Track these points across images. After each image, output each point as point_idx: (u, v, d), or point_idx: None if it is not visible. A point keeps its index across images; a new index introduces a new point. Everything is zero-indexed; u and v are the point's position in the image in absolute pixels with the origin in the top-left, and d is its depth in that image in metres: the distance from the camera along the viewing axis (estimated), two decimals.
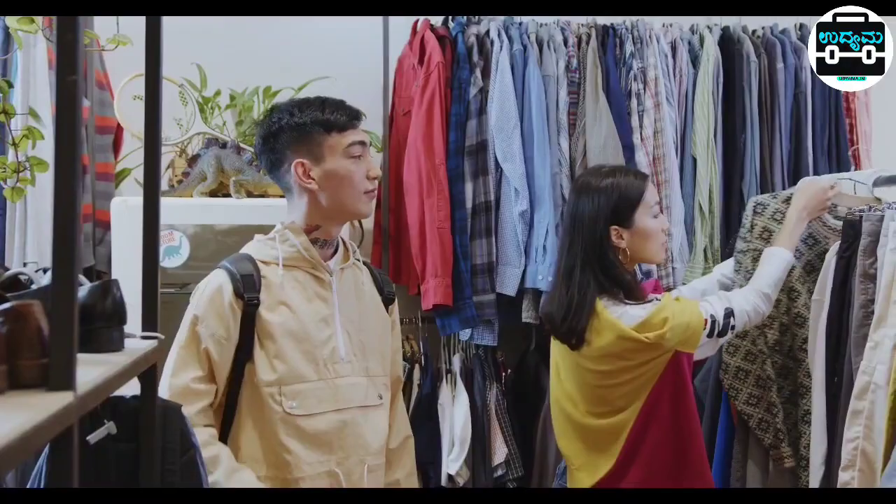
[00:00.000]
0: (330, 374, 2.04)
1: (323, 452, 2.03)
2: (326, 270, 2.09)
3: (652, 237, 2.33)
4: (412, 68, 3.32)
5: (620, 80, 3.24)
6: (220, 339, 1.99)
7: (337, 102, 2.10)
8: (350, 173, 2.05)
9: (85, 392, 1.08)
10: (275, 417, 1.99)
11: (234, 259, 2.07)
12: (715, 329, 2.25)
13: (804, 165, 3.37)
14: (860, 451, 2.07)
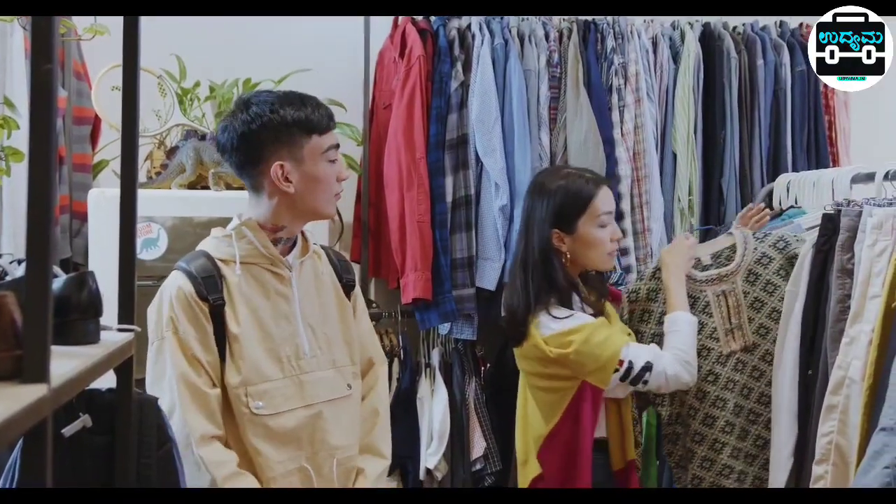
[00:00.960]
0: (295, 371, 2.02)
1: (292, 450, 2.02)
2: (286, 266, 2.05)
3: (595, 246, 2.34)
4: (393, 61, 3.31)
5: (601, 75, 3.25)
6: (200, 339, 1.96)
7: (316, 101, 2.04)
8: (326, 177, 2.01)
9: (59, 384, 1.07)
10: (243, 419, 1.97)
11: (191, 258, 2.01)
12: (629, 375, 2.27)
13: (783, 162, 3.39)
14: (834, 445, 2.08)
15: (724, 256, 2.48)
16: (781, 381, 2.37)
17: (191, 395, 1.91)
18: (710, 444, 2.44)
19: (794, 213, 2.82)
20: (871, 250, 2.10)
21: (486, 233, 3.12)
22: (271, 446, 1.99)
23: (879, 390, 1.94)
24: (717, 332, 2.41)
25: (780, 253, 2.47)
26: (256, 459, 1.98)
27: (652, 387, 2.31)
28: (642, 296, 2.50)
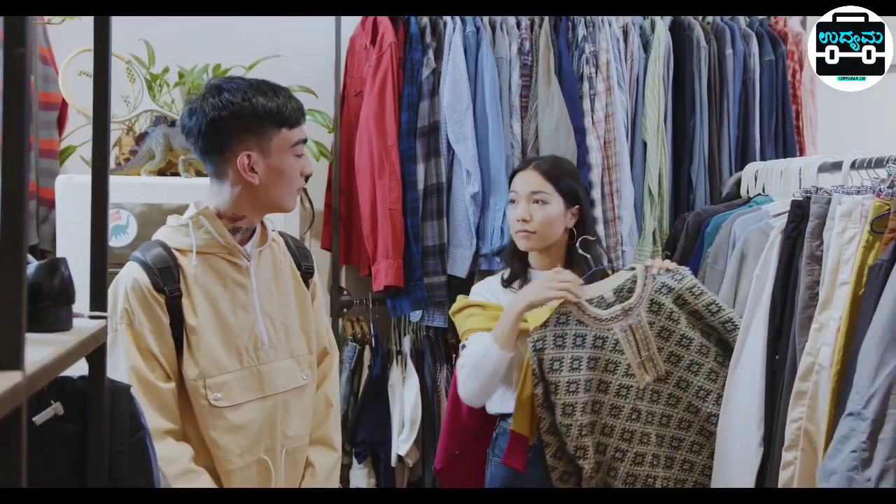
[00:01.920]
0: (253, 362, 2.00)
1: (251, 442, 2.00)
2: (244, 256, 2.02)
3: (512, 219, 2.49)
4: (364, 48, 3.29)
5: (572, 64, 3.26)
6: (155, 331, 1.93)
7: (288, 93, 2.00)
8: (292, 171, 1.99)
9: (33, 372, 1.05)
10: (202, 411, 1.95)
11: (147, 248, 1.97)
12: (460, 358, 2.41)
13: (752, 151, 3.42)
14: (803, 431, 2.11)
15: (625, 290, 2.38)
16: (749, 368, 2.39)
17: (143, 390, 1.88)
18: (643, 481, 2.39)
19: (762, 201, 2.85)
20: (840, 238, 2.13)
21: (458, 220, 3.13)
22: (231, 438, 1.97)
23: (847, 376, 1.97)
24: (631, 368, 2.34)
25: (679, 283, 2.38)
26: (215, 452, 1.97)
27: (460, 373, 2.39)
28: (549, 343, 2.33)
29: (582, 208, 2.51)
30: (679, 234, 2.96)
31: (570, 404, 2.29)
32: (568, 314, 2.33)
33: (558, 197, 2.45)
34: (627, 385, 2.35)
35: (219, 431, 1.96)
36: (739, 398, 2.40)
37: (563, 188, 2.46)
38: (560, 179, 2.46)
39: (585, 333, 2.33)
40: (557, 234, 2.47)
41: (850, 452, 1.79)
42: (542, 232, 2.44)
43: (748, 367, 2.38)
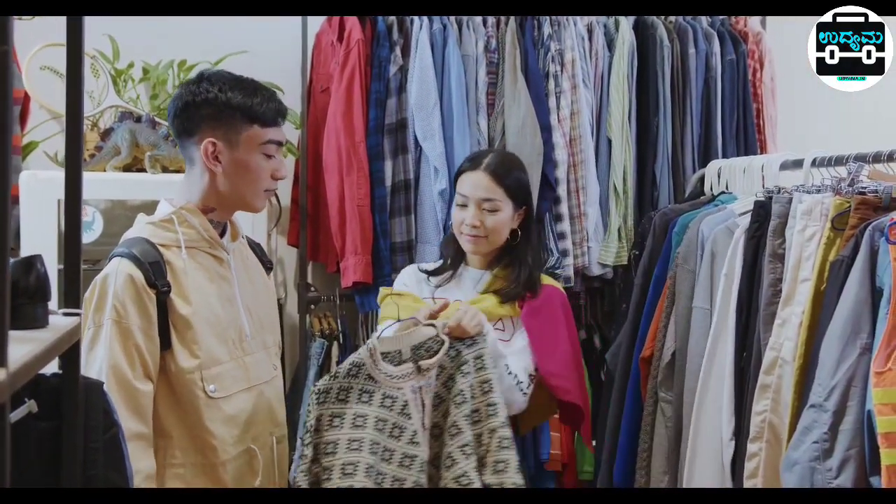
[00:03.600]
0: (240, 353, 2.04)
1: (241, 431, 2.03)
2: (224, 249, 2.07)
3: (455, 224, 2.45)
4: (331, 45, 3.29)
5: (538, 62, 3.28)
6: (145, 329, 1.92)
7: (269, 93, 2.04)
8: (258, 169, 2.01)
9: (15, 369, 1.06)
10: (198, 403, 1.96)
11: (132, 244, 1.97)
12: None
13: (714, 148, 3.47)
14: (767, 423, 2.16)
15: (423, 349, 2.13)
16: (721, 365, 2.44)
17: (119, 390, 1.88)
18: None
19: (727, 199, 2.90)
20: (802, 235, 2.18)
21: (426, 217, 3.15)
22: (226, 429, 2.00)
23: (809, 369, 2.02)
24: (416, 435, 2.07)
25: (469, 350, 2.16)
26: (211, 443, 1.98)
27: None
28: (332, 397, 2.09)
29: (529, 208, 2.47)
30: (646, 234, 3.00)
31: (352, 463, 2.03)
32: (361, 366, 2.10)
33: (508, 201, 2.39)
34: (412, 455, 2.06)
35: (215, 423, 1.98)
36: (711, 395, 2.44)
37: (513, 191, 2.40)
38: (509, 182, 2.39)
39: (373, 390, 2.09)
40: (504, 238, 2.43)
41: (812, 443, 1.85)
42: (492, 237, 2.40)
43: (719, 364, 2.43)
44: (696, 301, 2.60)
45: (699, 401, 2.49)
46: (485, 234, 2.38)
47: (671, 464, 2.67)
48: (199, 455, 1.98)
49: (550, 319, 2.41)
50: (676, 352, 2.66)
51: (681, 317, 2.65)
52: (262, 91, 2.03)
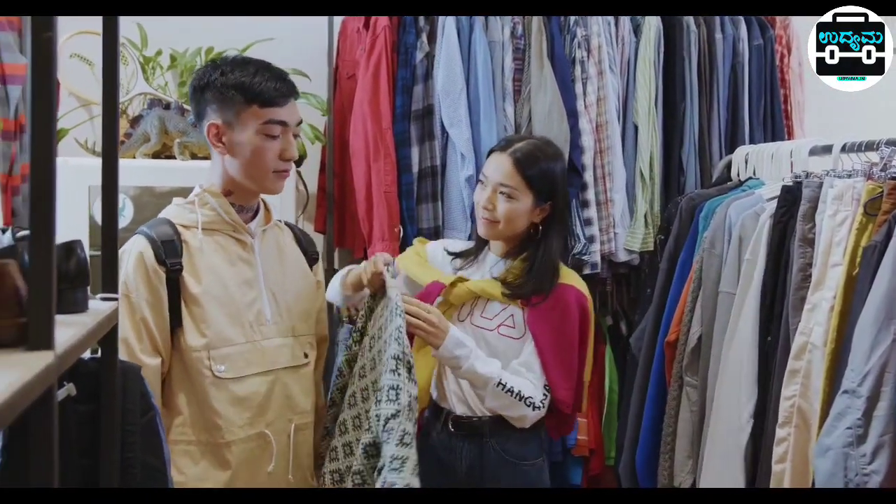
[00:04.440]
0: (257, 337, 2.05)
1: (253, 414, 2.04)
2: (248, 233, 2.08)
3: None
4: (357, 31, 3.29)
5: (565, 48, 3.27)
6: (153, 303, 1.97)
7: (275, 74, 2.03)
8: (259, 150, 2.01)
9: (62, 352, 1.08)
10: (205, 382, 1.99)
11: (153, 224, 2.03)
12: None
13: (741, 134, 3.46)
14: (796, 408, 2.16)
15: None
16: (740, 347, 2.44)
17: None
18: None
19: (754, 185, 2.89)
20: (833, 220, 2.18)
21: (452, 203, 3.15)
22: (234, 410, 2.02)
23: (841, 355, 2.02)
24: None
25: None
26: (217, 423, 2.00)
27: None
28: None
29: (555, 204, 2.33)
30: (672, 219, 3.00)
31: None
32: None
33: (528, 192, 2.28)
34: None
35: (222, 403, 2.00)
36: (730, 379, 2.45)
37: (535, 183, 2.28)
38: (532, 172, 2.28)
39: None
40: (520, 229, 2.33)
41: (846, 429, 1.84)
42: (505, 225, 2.30)
43: (739, 348, 2.43)
44: (723, 285, 2.60)
45: (718, 384, 2.50)
46: (496, 219, 2.30)
47: (695, 448, 2.68)
48: (206, 434, 2.01)
49: (559, 326, 2.30)
50: (702, 336, 2.66)
51: (707, 301, 2.65)
52: (266, 71, 2.02)
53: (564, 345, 2.29)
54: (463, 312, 2.36)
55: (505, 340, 2.31)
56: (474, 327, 2.33)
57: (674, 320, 2.80)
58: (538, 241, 2.34)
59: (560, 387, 2.27)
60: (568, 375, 2.29)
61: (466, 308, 2.36)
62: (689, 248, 2.88)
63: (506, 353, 2.30)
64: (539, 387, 2.26)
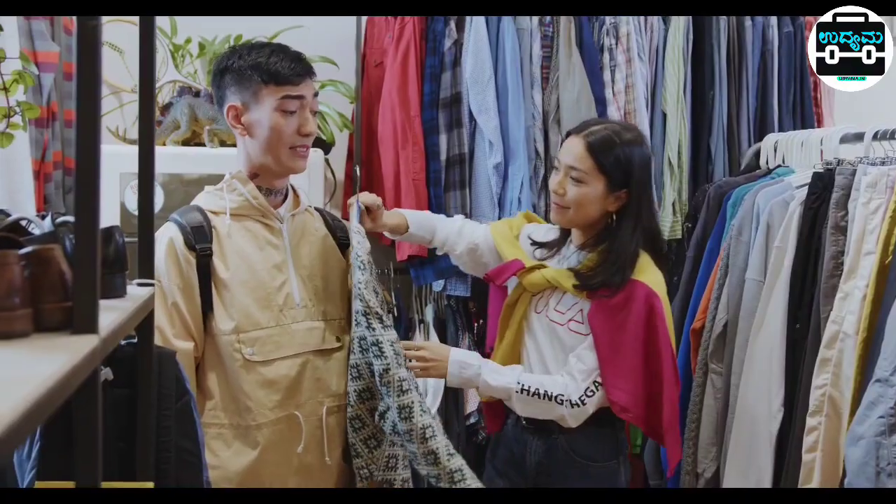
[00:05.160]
0: (286, 320, 2.07)
1: (283, 397, 2.06)
2: (276, 218, 2.11)
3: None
4: (385, 19, 3.30)
5: (593, 35, 3.27)
6: (184, 288, 2.00)
7: (289, 54, 2.06)
8: (277, 126, 2.03)
9: (106, 335, 1.09)
10: (235, 365, 2.01)
11: (183, 211, 2.07)
12: None
13: (770, 122, 3.44)
14: (827, 397, 2.15)
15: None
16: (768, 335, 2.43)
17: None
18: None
19: (783, 172, 2.88)
20: (866, 208, 2.16)
21: (480, 190, 3.15)
22: (263, 393, 2.03)
23: (873, 344, 2.01)
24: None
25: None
26: (248, 405, 2.02)
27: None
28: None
29: (631, 192, 2.20)
30: (700, 206, 2.99)
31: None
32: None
33: (599, 177, 2.17)
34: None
35: (252, 386, 2.03)
36: (758, 367, 2.44)
37: (607, 169, 2.16)
38: (605, 158, 2.16)
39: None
40: (593, 216, 2.22)
41: (878, 418, 1.84)
42: (575, 212, 2.20)
43: (768, 336, 2.42)
44: (750, 273, 2.60)
45: (746, 371, 2.49)
46: (566, 204, 2.20)
47: (719, 435, 2.68)
48: (238, 416, 2.03)
49: (621, 323, 2.16)
50: (728, 323, 2.66)
51: (734, 288, 2.65)
52: (282, 52, 2.06)
53: (624, 344, 2.15)
54: (539, 304, 2.28)
55: (574, 336, 2.21)
56: (548, 321, 2.25)
57: (700, 307, 2.80)
58: (613, 232, 2.22)
59: (614, 387, 2.14)
60: (624, 376, 2.15)
61: (543, 300, 2.28)
62: (717, 235, 2.87)
63: (574, 348, 2.20)
64: (580, 382, 2.15)
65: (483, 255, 2.39)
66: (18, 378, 0.81)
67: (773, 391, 2.39)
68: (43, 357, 0.92)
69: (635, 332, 2.15)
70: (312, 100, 2.10)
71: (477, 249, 2.38)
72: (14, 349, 0.96)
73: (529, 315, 2.27)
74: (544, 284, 2.24)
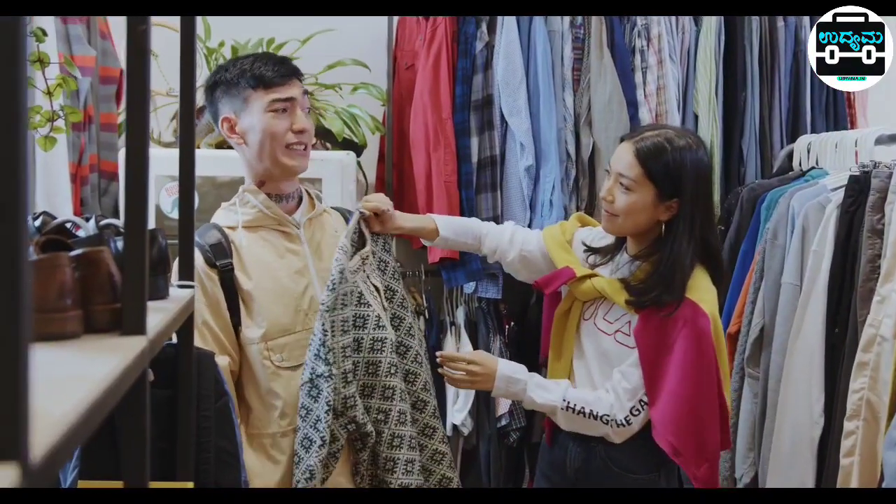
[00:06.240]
0: (312, 323, 2.07)
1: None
2: (293, 224, 2.13)
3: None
4: (416, 22, 3.31)
5: (625, 37, 3.26)
6: (210, 305, 2.02)
7: (273, 58, 2.12)
8: (269, 127, 2.07)
9: (153, 336, 1.11)
10: (266, 373, 2.04)
11: (202, 231, 2.10)
12: None
13: (802, 123, 3.41)
14: (865, 401, 2.14)
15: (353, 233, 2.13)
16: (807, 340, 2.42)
17: None
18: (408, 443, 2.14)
19: (817, 175, 2.86)
20: None
21: (512, 193, 3.15)
22: (296, 398, 2.04)
23: None
24: (381, 319, 2.12)
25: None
26: (284, 410, 2.05)
27: None
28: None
29: (682, 202, 2.08)
30: (733, 209, 2.98)
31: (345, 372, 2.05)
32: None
33: (648, 185, 2.07)
34: (381, 338, 2.10)
35: (287, 391, 2.05)
36: (798, 372, 2.43)
37: (656, 176, 2.06)
38: (654, 164, 2.07)
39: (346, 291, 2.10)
40: (643, 226, 2.12)
41: None
42: (624, 220, 2.11)
43: (807, 340, 2.41)
44: (786, 277, 2.58)
45: (785, 377, 2.48)
46: (615, 212, 2.11)
47: (757, 440, 2.66)
48: (275, 425, 2.05)
49: (665, 342, 2.06)
50: (764, 327, 2.64)
51: (770, 292, 2.64)
52: (265, 57, 2.11)
53: (668, 364, 2.05)
54: (588, 312, 2.21)
55: (619, 348, 2.13)
56: (595, 328, 2.18)
57: (735, 312, 2.79)
58: (665, 243, 2.11)
59: (655, 406, 2.06)
60: (666, 397, 2.05)
61: (592, 307, 2.20)
62: (751, 239, 2.85)
63: (620, 360, 2.12)
64: (626, 401, 2.08)
65: (536, 261, 2.32)
66: (74, 379, 0.83)
67: (814, 396, 2.38)
68: (96, 358, 0.94)
69: (681, 354, 2.03)
70: (302, 98, 2.14)
71: (529, 256, 2.32)
72: (67, 350, 0.98)
73: (579, 323, 2.23)
74: (595, 294, 2.17)
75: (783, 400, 2.44)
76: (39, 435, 0.63)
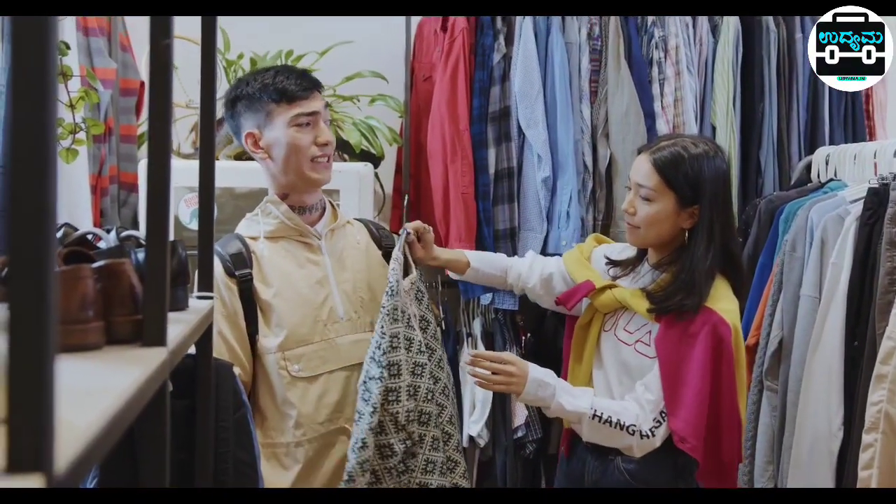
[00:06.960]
0: (331, 334, 2.10)
1: (332, 411, 2.10)
2: (314, 235, 2.15)
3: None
4: (434, 34, 3.33)
5: (642, 49, 3.26)
6: (228, 315, 2.04)
7: (295, 71, 2.14)
8: (294, 141, 2.09)
9: (174, 347, 1.12)
10: (282, 382, 2.06)
11: (224, 241, 2.12)
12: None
13: (821, 135, 3.40)
14: (883, 413, 2.13)
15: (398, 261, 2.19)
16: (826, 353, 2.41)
17: None
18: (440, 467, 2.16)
19: (836, 186, 2.85)
20: None
21: (529, 204, 3.16)
22: (313, 408, 2.07)
23: None
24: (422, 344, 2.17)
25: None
26: (299, 421, 2.06)
27: None
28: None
29: (703, 208, 2.10)
30: (751, 221, 2.97)
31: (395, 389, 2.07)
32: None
33: (668, 194, 2.09)
34: (422, 363, 2.13)
35: (302, 401, 2.06)
36: (817, 384, 2.42)
37: (675, 184, 2.09)
38: (672, 173, 2.09)
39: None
40: (666, 235, 2.15)
41: None
42: (646, 230, 2.14)
43: (826, 353, 2.40)
44: (805, 289, 2.57)
45: (804, 389, 2.46)
46: (637, 224, 2.14)
47: (776, 453, 2.65)
48: (289, 434, 2.07)
49: (685, 351, 2.06)
50: (783, 340, 2.63)
51: (789, 305, 2.62)
52: (287, 71, 2.13)
53: (688, 373, 2.05)
54: (608, 323, 2.23)
55: (639, 358, 2.14)
56: (616, 339, 2.20)
57: (753, 324, 2.77)
58: (686, 250, 2.13)
59: (675, 416, 2.06)
60: (686, 406, 2.04)
61: (613, 318, 2.22)
62: (769, 251, 2.84)
63: (640, 371, 2.13)
64: (649, 412, 2.07)
65: (557, 284, 2.37)
66: (96, 390, 0.84)
67: (833, 409, 2.37)
68: (118, 369, 0.95)
69: (701, 363, 2.03)
70: (324, 111, 2.16)
71: (551, 280, 2.36)
72: (89, 361, 0.99)
73: (599, 334, 2.24)
74: (615, 305, 2.19)
75: (802, 413, 2.43)
76: (64, 446, 0.64)
